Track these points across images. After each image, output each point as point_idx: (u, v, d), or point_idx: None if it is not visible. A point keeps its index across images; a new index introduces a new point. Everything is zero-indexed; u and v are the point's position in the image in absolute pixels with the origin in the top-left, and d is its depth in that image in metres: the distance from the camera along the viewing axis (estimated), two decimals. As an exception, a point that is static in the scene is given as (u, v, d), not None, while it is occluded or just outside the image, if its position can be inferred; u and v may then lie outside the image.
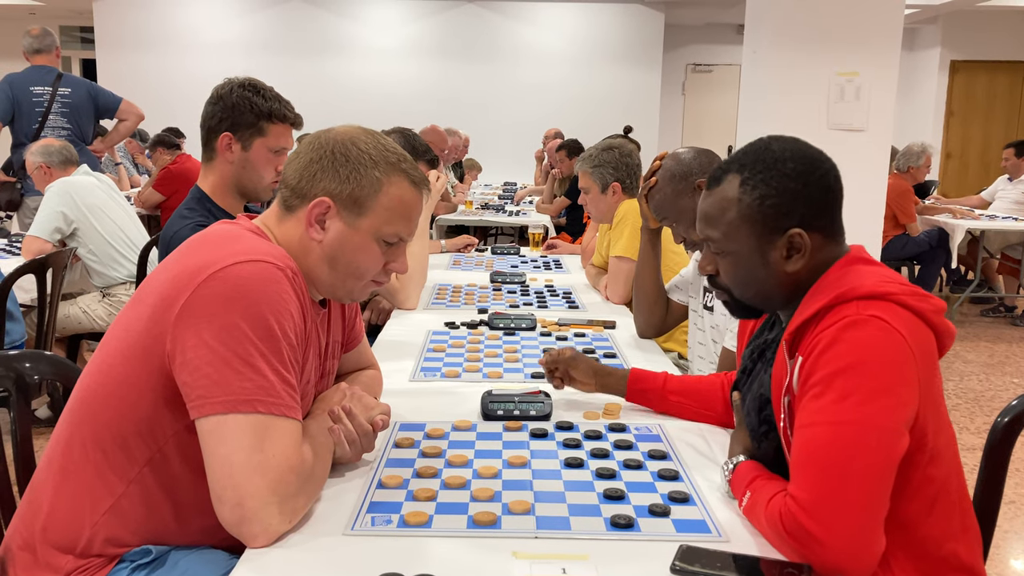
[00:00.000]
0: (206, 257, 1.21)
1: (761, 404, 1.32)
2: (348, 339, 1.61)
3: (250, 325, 1.15)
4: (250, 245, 1.24)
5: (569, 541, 1.17)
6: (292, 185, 1.33)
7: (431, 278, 3.03)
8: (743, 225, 1.27)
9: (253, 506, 1.11)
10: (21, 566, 1.28)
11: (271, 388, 1.15)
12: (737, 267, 1.29)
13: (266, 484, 1.12)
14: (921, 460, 1.16)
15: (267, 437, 1.13)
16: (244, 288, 1.17)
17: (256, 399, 1.14)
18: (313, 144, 1.33)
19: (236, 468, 1.12)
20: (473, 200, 6.59)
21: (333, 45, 9.79)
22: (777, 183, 1.25)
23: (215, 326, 1.15)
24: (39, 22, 9.90)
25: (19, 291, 3.27)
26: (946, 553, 1.19)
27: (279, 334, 1.18)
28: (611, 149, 3.07)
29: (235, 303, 1.16)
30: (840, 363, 1.12)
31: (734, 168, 1.29)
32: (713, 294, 2.12)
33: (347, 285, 1.36)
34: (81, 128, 4.86)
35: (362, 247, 1.32)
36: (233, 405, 1.13)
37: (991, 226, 6.27)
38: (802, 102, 4.64)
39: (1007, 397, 4.56)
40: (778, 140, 1.30)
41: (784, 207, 1.24)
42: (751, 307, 1.35)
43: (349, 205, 1.30)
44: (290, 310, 1.21)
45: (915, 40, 10.47)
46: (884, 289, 1.16)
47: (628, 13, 9.88)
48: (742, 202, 1.26)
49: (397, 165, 1.33)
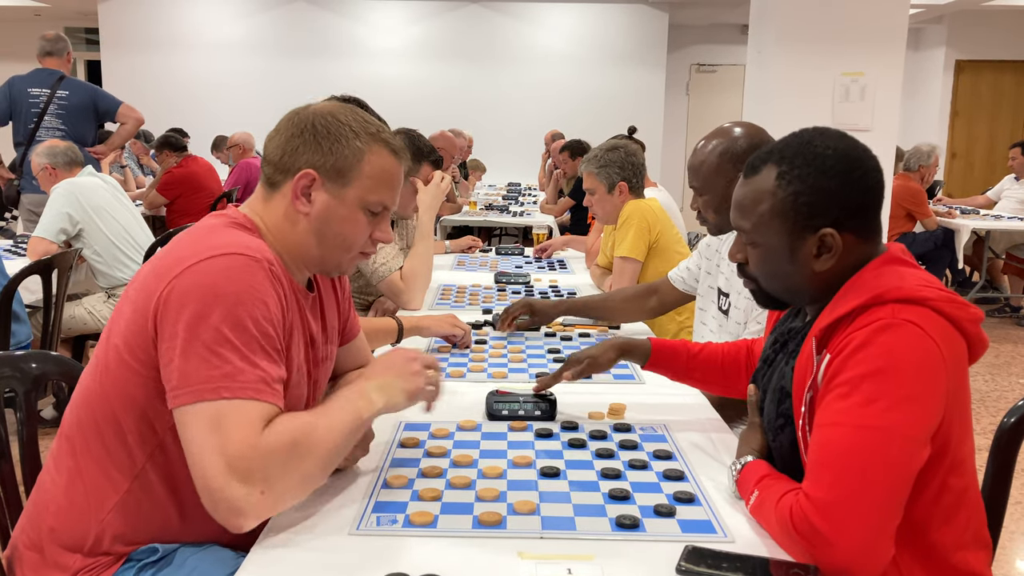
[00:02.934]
0: (182, 252, 1.22)
1: (781, 397, 1.30)
2: (344, 329, 1.60)
3: (220, 316, 1.15)
4: (227, 239, 1.24)
5: (574, 541, 1.17)
6: (275, 161, 1.33)
7: (435, 279, 3.04)
8: (774, 219, 1.24)
9: (216, 487, 1.10)
10: (28, 566, 1.28)
11: (237, 373, 1.14)
12: (765, 260, 1.28)
13: (224, 462, 1.10)
14: (941, 468, 1.15)
15: (228, 419, 1.12)
16: (214, 281, 1.17)
17: (221, 386, 1.13)
18: (293, 120, 1.34)
19: (197, 453, 1.12)
20: (477, 201, 6.59)
21: (337, 46, 9.81)
22: (814, 181, 1.21)
23: (185, 318, 1.15)
24: (44, 23, 9.94)
25: (25, 292, 3.28)
26: (956, 561, 1.18)
27: (250, 323, 1.17)
28: (616, 149, 3.07)
29: (205, 296, 1.16)
30: (870, 366, 1.10)
31: (773, 159, 1.26)
32: (729, 298, 2.11)
33: (335, 257, 1.37)
34: (78, 130, 4.87)
35: (348, 217, 1.33)
36: (199, 394, 1.13)
37: (997, 226, 6.26)
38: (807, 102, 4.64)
39: (1013, 397, 4.55)
40: (822, 134, 1.26)
41: (818, 206, 1.21)
42: (778, 299, 1.33)
43: (333, 176, 1.31)
44: (264, 299, 1.20)
45: (920, 40, 10.45)
46: (922, 294, 1.14)
47: (632, 13, 9.88)
48: (776, 196, 1.24)
49: (377, 135, 1.34)
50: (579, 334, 2.34)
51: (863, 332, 1.13)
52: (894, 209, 5.92)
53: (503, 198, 7.44)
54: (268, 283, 1.22)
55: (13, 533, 1.35)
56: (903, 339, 1.11)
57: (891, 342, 1.11)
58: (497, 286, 3.06)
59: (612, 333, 2.38)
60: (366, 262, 2.64)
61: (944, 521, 1.17)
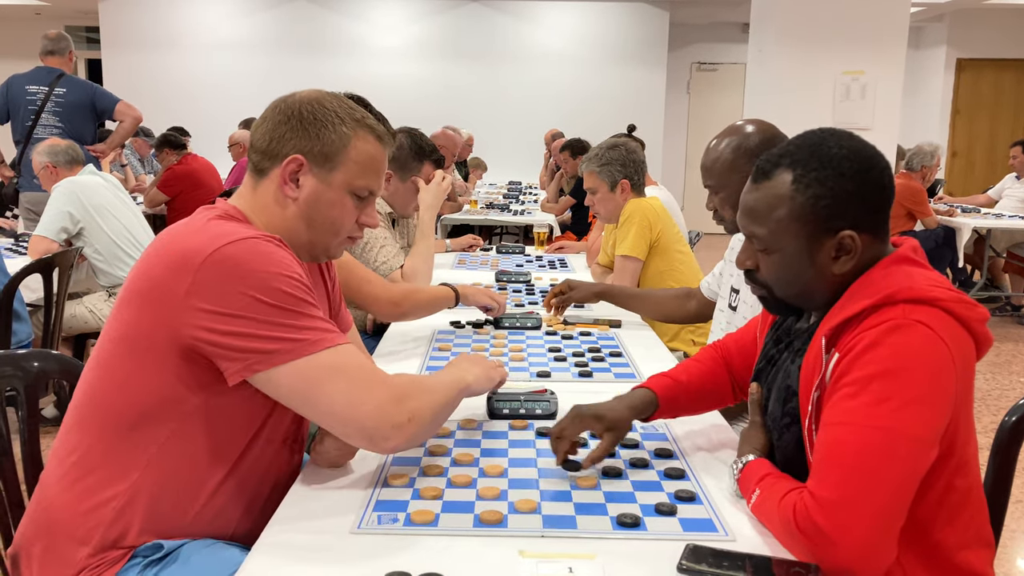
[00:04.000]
0: (192, 243, 1.22)
1: (787, 396, 1.29)
2: (336, 321, 1.60)
3: (265, 294, 1.19)
4: (230, 228, 1.26)
5: (575, 540, 1.17)
6: (262, 148, 1.35)
7: (436, 277, 3.03)
8: (793, 224, 1.22)
9: (384, 412, 1.24)
10: (34, 562, 1.29)
11: (319, 328, 1.23)
12: (782, 266, 1.25)
13: (385, 392, 1.24)
14: (947, 468, 1.14)
15: (346, 364, 1.23)
16: (245, 264, 1.20)
17: (315, 339, 1.22)
18: (279, 107, 1.36)
19: (339, 397, 1.22)
20: (478, 199, 6.59)
21: (338, 45, 9.80)
22: (833, 183, 1.19)
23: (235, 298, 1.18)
24: (45, 22, 9.94)
25: (26, 290, 3.28)
26: (959, 561, 1.18)
27: (291, 292, 1.21)
28: (617, 147, 3.07)
29: (244, 279, 1.19)
30: (880, 366, 1.10)
31: (785, 163, 1.23)
32: (738, 295, 2.10)
33: (325, 241, 1.39)
34: (76, 128, 4.87)
35: (336, 202, 1.36)
36: (297, 351, 1.20)
37: (998, 224, 6.25)
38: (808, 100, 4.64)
39: (1014, 396, 4.55)
40: (834, 135, 1.24)
41: (838, 208, 1.20)
42: (790, 305, 1.31)
43: (320, 161, 1.33)
44: (295, 268, 1.25)
45: (921, 38, 10.44)
46: (932, 294, 1.13)
47: (633, 12, 9.87)
48: (795, 201, 1.21)
49: (362, 121, 1.36)
50: (580, 333, 2.34)
51: (873, 332, 1.12)
52: (895, 208, 5.91)
53: (504, 197, 7.44)
54: (290, 255, 1.27)
55: (17, 530, 1.36)
56: (914, 340, 1.10)
57: (901, 343, 1.10)
58: (498, 285, 3.06)
59: (613, 332, 2.38)
60: (368, 260, 2.65)
61: (948, 521, 1.16)
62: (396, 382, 1.28)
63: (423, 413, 1.28)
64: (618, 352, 2.16)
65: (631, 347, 2.23)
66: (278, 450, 1.39)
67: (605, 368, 2.02)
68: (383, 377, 1.28)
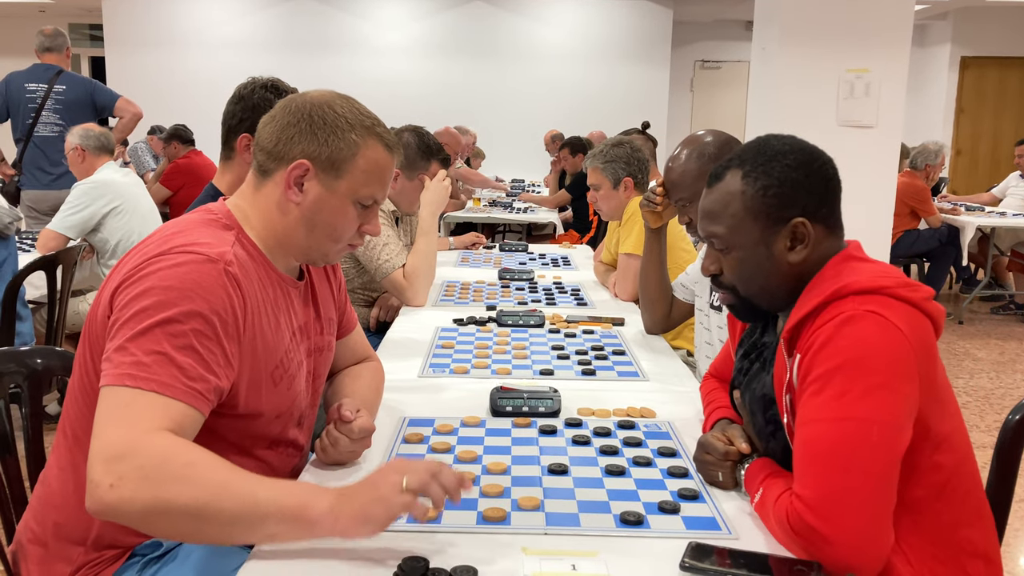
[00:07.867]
0: (148, 248, 1.23)
1: (766, 404, 1.31)
2: (341, 321, 1.60)
3: (155, 311, 1.13)
4: (193, 237, 1.23)
5: (578, 538, 1.17)
6: (268, 149, 1.32)
7: (439, 275, 3.03)
8: (747, 217, 1.28)
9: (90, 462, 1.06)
10: (33, 560, 1.29)
11: (145, 366, 1.11)
12: (742, 261, 1.30)
13: (99, 444, 1.06)
14: (926, 447, 1.16)
15: (130, 407, 1.09)
16: (160, 281, 1.16)
17: (127, 374, 1.10)
18: (289, 108, 1.32)
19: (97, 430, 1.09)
20: (481, 197, 6.59)
21: (342, 42, 9.80)
22: (779, 173, 1.26)
23: (131, 309, 1.15)
24: (48, 20, 9.94)
25: (29, 287, 3.28)
26: (960, 538, 1.19)
27: (184, 322, 1.14)
28: (621, 145, 3.07)
29: (148, 291, 1.15)
30: (838, 359, 1.12)
31: (734, 164, 1.31)
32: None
33: (323, 247, 1.37)
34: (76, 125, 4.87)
35: (339, 209, 1.33)
36: (115, 378, 1.10)
37: (1002, 223, 6.24)
38: (811, 98, 4.62)
39: (1018, 395, 4.54)
40: (776, 136, 1.32)
41: (787, 196, 1.26)
42: (757, 307, 1.34)
43: (327, 167, 1.30)
44: (207, 298, 1.17)
45: (925, 36, 10.42)
46: (879, 283, 1.17)
47: (637, 9, 9.86)
48: (745, 194, 1.27)
49: (372, 129, 1.33)
50: (583, 331, 2.34)
51: (828, 327, 1.15)
52: (898, 207, 5.89)
53: (507, 194, 7.44)
54: (222, 281, 1.20)
55: (18, 527, 1.36)
56: (867, 329, 1.13)
57: (855, 333, 1.13)
58: (501, 282, 3.06)
59: (616, 330, 2.38)
60: (370, 258, 2.65)
61: (938, 498, 1.17)
62: (153, 449, 1.05)
63: (134, 488, 1.03)
64: (621, 350, 2.16)
65: (634, 345, 2.22)
66: (280, 450, 1.38)
67: (608, 366, 2.02)
68: (143, 433, 1.06)
